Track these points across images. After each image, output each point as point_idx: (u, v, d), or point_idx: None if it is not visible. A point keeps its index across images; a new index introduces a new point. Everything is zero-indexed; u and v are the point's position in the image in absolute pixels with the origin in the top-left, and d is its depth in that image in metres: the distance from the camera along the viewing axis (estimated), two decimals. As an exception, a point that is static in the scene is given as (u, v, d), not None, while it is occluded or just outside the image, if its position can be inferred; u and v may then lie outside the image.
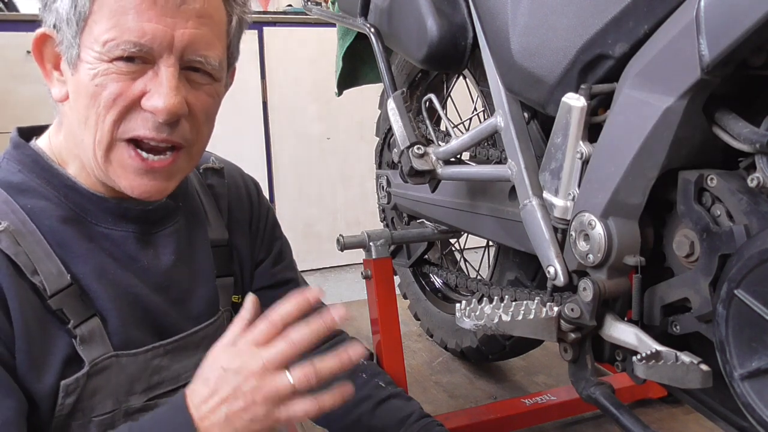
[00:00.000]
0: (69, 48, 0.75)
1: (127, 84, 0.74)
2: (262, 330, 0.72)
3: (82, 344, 0.77)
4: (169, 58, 0.74)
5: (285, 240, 1.12)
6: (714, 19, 0.62)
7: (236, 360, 0.70)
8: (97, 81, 0.73)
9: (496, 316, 0.83)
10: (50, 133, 0.85)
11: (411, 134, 1.09)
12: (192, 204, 0.95)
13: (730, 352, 0.64)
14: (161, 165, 0.78)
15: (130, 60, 0.73)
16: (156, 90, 0.74)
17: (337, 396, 0.74)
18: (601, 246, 0.77)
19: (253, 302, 0.77)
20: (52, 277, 0.76)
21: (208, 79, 0.80)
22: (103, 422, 0.80)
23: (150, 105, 0.74)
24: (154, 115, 0.75)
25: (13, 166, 0.81)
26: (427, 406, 1.16)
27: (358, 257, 1.32)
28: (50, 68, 0.80)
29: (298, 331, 0.71)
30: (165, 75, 0.74)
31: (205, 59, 0.77)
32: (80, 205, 0.82)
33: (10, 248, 0.74)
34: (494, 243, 1.34)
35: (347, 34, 1.51)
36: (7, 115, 2.62)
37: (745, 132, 0.64)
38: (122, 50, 0.72)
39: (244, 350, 0.71)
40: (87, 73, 0.74)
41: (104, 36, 0.72)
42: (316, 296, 0.74)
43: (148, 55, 0.73)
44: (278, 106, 3.21)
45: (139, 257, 0.85)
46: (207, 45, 0.77)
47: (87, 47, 0.74)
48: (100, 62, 0.73)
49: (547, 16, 0.85)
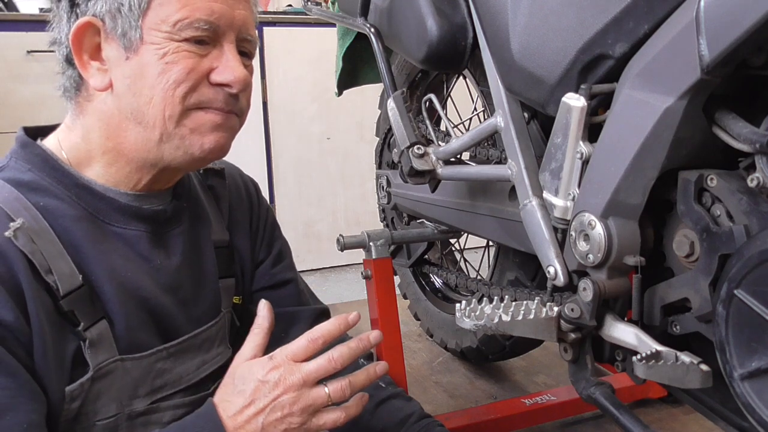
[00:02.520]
0: (127, 32, 0.77)
1: (197, 61, 0.79)
2: (302, 346, 0.78)
3: (90, 348, 0.76)
4: (230, 36, 0.81)
5: (284, 240, 1.12)
6: (714, 19, 0.62)
7: (274, 373, 0.76)
8: (168, 59, 0.77)
9: (496, 316, 0.83)
10: (59, 135, 0.84)
11: (411, 134, 1.09)
12: (196, 205, 0.95)
13: (730, 352, 0.64)
14: (233, 122, 0.84)
15: (199, 42, 0.78)
16: (225, 65, 0.80)
17: (359, 405, 0.82)
18: (601, 246, 0.77)
19: (267, 309, 0.85)
20: (65, 277, 0.75)
21: (247, 60, 0.87)
22: (107, 426, 0.79)
23: (222, 78, 0.80)
24: (225, 88, 0.80)
25: (22, 165, 0.80)
26: (427, 406, 1.16)
27: (358, 257, 1.32)
28: (87, 59, 0.80)
29: (339, 351, 0.78)
30: (230, 51, 0.81)
31: (252, 38, 0.85)
32: (92, 205, 0.81)
33: (27, 246, 0.73)
34: (494, 243, 1.34)
35: (347, 34, 1.51)
36: (8, 115, 2.62)
37: (745, 132, 0.64)
38: (195, 28, 0.77)
39: (283, 364, 0.77)
40: (154, 53, 0.77)
41: (175, 16, 0.77)
42: (356, 319, 0.82)
43: (215, 34, 0.79)
44: (278, 106, 3.21)
45: (152, 257, 0.85)
46: (252, 25, 0.85)
47: (152, 29, 0.77)
48: (170, 41, 0.77)
49: (547, 16, 0.85)
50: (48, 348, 0.73)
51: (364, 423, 0.98)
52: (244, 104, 0.87)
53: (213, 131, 0.82)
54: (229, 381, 0.79)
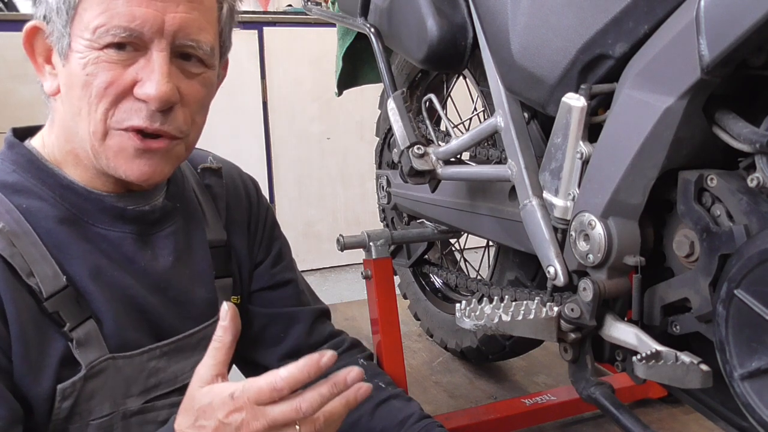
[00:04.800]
0: (60, 38, 0.74)
1: (119, 72, 0.73)
2: (264, 392, 0.66)
3: (78, 347, 0.77)
4: (160, 43, 0.73)
5: (284, 240, 1.12)
6: (714, 19, 0.62)
7: (236, 416, 0.65)
8: (88, 70, 0.72)
9: (496, 316, 0.83)
10: (43, 133, 0.84)
11: (411, 134, 1.09)
12: (190, 205, 0.95)
13: (730, 352, 0.64)
14: (158, 146, 0.77)
15: (121, 47, 0.72)
16: (148, 77, 0.73)
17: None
18: (601, 246, 0.77)
19: (230, 318, 0.71)
20: (48, 279, 0.75)
21: (200, 68, 0.79)
22: (101, 425, 0.79)
23: (142, 93, 0.73)
24: (147, 104, 0.74)
25: (7, 167, 0.81)
26: (427, 406, 1.16)
27: (358, 257, 1.32)
28: (42, 62, 0.79)
29: (309, 401, 0.66)
30: (156, 61, 0.73)
31: (197, 43, 0.76)
32: (77, 206, 0.81)
33: (6, 250, 0.73)
34: (494, 243, 1.34)
35: (347, 34, 1.51)
36: (7, 115, 2.62)
37: (745, 132, 0.64)
38: (112, 36, 0.71)
39: (245, 407, 0.66)
40: (78, 62, 0.73)
41: (94, 22, 0.71)
42: (329, 362, 0.67)
43: (139, 41, 0.72)
44: (278, 106, 3.21)
45: (136, 258, 0.84)
46: (199, 29, 0.76)
47: (77, 36, 0.73)
48: (90, 50, 0.72)
49: (547, 16, 0.85)
50: (30, 349, 0.73)
51: (363, 424, 0.98)
52: (182, 122, 0.77)
53: (136, 158, 0.76)
54: (190, 407, 0.69)
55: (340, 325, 1.14)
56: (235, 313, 0.72)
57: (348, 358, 1.07)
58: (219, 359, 0.70)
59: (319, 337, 1.07)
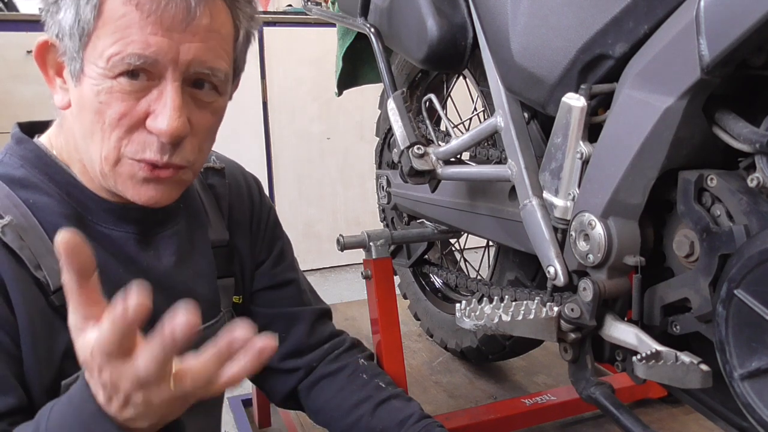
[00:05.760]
0: (72, 60, 0.74)
1: (132, 104, 0.73)
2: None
3: None
4: (174, 73, 0.73)
5: (286, 240, 1.12)
6: (714, 19, 0.62)
7: (104, 376, 0.59)
8: (102, 98, 0.72)
9: (496, 316, 0.83)
10: (50, 134, 0.85)
11: (411, 134, 1.09)
12: (193, 205, 0.95)
13: (730, 352, 0.64)
14: (166, 175, 0.78)
15: (135, 75, 0.72)
16: (160, 111, 0.73)
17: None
18: (601, 246, 0.77)
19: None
20: (55, 273, 0.75)
21: (213, 96, 0.79)
22: None
23: (154, 127, 0.73)
24: (158, 137, 0.74)
25: (15, 161, 0.81)
26: (427, 406, 1.16)
27: (358, 257, 1.32)
28: (53, 74, 0.79)
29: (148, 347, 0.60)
30: (169, 94, 0.73)
31: (212, 71, 0.76)
32: (82, 204, 0.81)
33: (15, 242, 0.74)
34: (494, 243, 1.34)
35: (347, 34, 1.51)
36: (7, 115, 2.63)
37: (745, 132, 0.64)
38: (127, 64, 0.71)
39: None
40: (91, 88, 0.73)
41: (108, 51, 0.71)
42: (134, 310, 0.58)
43: (153, 69, 0.72)
44: (278, 106, 3.21)
45: (138, 258, 0.85)
46: (214, 58, 0.76)
47: (91, 62, 0.73)
48: (104, 79, 0.72)
49: (547, 16, 0.85)
50: (38, 341, 0.74)
51: (363, 423, 0.98)
52: (189, 152, 0.78)
53: (145, 184, 0.77)
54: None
55: (340, 325, 1.15)
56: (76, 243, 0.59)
57: (348, 358, 1.07)
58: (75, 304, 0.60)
59: (320, 337, 1.07)
